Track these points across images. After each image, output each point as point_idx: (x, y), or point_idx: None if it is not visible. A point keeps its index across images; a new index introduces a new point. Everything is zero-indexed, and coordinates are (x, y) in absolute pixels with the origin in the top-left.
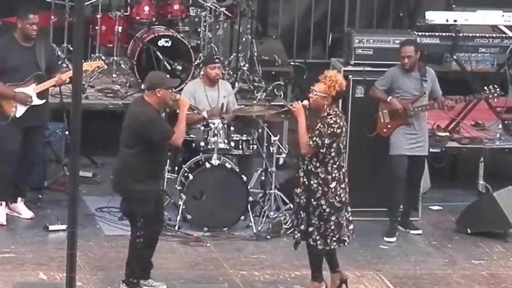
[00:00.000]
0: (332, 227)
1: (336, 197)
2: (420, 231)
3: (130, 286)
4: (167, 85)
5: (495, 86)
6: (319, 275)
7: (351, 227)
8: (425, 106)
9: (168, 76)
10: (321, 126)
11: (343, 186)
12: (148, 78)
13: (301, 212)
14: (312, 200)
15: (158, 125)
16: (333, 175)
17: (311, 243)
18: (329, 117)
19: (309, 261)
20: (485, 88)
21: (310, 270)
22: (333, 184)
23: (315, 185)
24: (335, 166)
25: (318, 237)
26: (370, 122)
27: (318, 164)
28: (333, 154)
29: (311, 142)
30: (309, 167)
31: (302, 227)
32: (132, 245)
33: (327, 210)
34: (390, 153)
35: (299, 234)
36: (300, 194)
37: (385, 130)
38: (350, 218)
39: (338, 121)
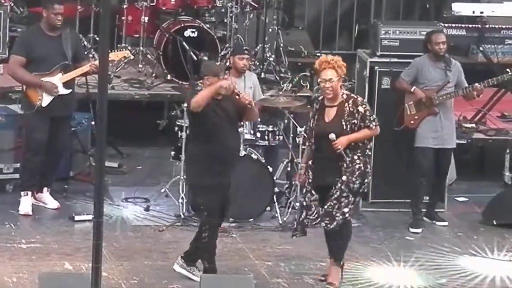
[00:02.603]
0: None
1: None
2: (446, 223)
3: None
4: (213, 72)
5: None
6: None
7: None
8: (450, 94)
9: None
10: (364, 106)
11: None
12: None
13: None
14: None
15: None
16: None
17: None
18: (352, 96)
19: None
20: (508, 70)
21: None
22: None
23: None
24: None
25: None
26: (396, 115)
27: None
28: None
29: (374, 124)
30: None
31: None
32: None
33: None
34: (416, 145)
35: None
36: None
37: (412, 122)
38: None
39: None
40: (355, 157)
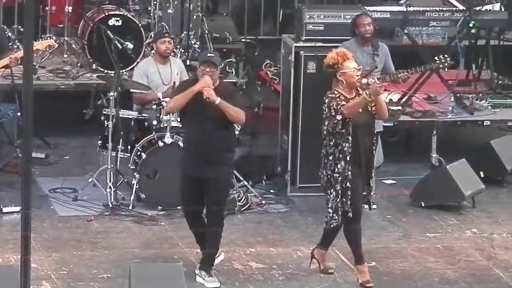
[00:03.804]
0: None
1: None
2: (374, 206)
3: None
4: (198, 60)
5: (445, 55)
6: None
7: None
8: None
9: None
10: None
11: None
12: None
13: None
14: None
15: None
16: None
17: None
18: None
19: None
20: (435, 58)
21: None
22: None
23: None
24: None
25: None
26: (322, 98)
27: None
28: None
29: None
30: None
31: None
32: None
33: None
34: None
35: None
36: None
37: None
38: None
39: None
40: None
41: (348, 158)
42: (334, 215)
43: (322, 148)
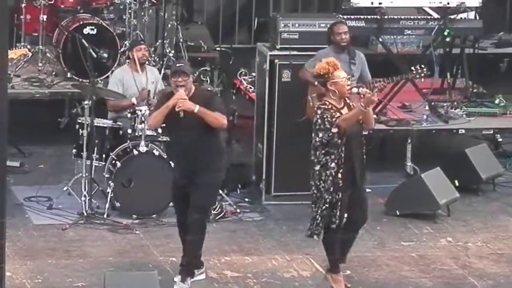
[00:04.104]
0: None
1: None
2: None
3: None
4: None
5: (422, 66)
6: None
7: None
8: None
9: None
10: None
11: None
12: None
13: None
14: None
15: None
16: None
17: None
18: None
19: None
20: (412, 68)
21: None
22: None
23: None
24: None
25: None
26: (297, 107)
27: None
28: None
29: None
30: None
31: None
32: None
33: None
34: None
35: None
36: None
37: (314, 114)
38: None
39: None
40: None
41: (340, 168)
42: (322, 224)
43: (311, 157)
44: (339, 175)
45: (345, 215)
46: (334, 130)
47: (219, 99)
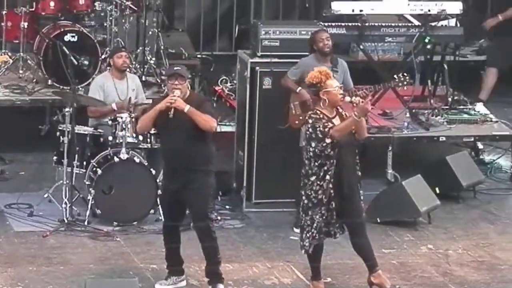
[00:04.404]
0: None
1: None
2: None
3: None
4: (165, 74)
5: (405, 74)
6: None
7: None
8: None
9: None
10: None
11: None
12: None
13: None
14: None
15: None
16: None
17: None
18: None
19: None
20: (395, 76)
21: None
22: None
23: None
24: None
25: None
26: (278, 114)
27: None
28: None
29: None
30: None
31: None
32: None
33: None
34: (301, 145)
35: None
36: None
37: (296, 122)
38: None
39: None
40: None
41: (333, 178)
42: (317, 235)
43: (303, 167)
44: (330, 185)
45: (343, 224)
46: (328, 140)
47: (211, 104)
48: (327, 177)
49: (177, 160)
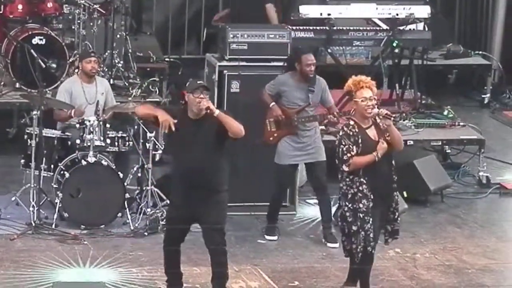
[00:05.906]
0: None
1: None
2: (337, 245)
3: None
4: (188, 89)
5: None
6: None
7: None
8: (309, 117)
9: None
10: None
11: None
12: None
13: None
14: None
15: None
16: None
17: None
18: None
19: None
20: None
21: None
22: None
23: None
24: None
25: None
26: (247, 117)
27: None
28: None
29: None
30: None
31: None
32: None
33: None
34: (275, 161)
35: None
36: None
37: (271, 139)
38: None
39: None
40: None
41: (369, 196)
42: (370, 243)
43: (340, 183)
44: (369, 203)
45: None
46: (346, 169)
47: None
48: (362, 195)
49: (194, 175)
